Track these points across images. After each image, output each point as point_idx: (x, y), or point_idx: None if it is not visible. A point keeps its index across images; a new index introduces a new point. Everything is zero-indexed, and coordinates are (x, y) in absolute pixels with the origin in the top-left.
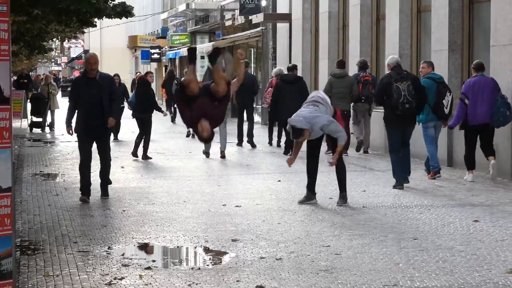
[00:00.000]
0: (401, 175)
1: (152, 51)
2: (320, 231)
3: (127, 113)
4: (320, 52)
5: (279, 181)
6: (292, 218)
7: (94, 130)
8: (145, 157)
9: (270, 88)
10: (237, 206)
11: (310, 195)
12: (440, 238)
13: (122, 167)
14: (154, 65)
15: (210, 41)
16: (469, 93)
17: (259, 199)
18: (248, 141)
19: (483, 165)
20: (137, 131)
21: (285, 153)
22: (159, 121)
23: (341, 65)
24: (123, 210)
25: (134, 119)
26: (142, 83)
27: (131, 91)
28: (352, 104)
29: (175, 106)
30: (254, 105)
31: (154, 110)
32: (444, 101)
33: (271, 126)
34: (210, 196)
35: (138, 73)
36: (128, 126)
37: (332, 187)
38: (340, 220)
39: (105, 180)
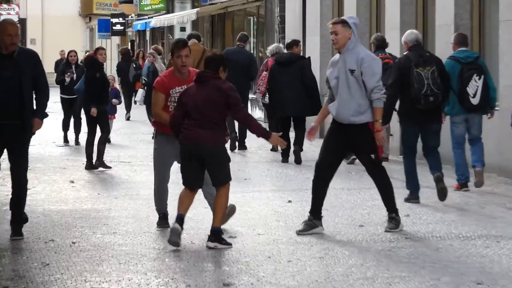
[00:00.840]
0: (417, 185)
1: (114, 20)
2: (346, 272)
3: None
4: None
5: (290, 201)
6: (307, 254)
7: (5, 133)
8: (101, 163)
9: (265, 72)
10: (231, 236)
11: (313, 221)
12: None
13: (72, 181)
14: (116, 39)
15: (193, 7)
16: None
17: (262, 227)
18: (237, 142)
19: None
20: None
21: (284, 161)
22: (117, 116)
23: None
24: (73, 242)
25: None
26: (91, 63)
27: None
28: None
29: (135, 100)
30: (251, 94)
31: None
32: (468, 88)
33: (272, 123)
34: (193, 223)
35: (88, 52)
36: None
37: (364, 210)
38: (374, 257)
39: (19, 214)
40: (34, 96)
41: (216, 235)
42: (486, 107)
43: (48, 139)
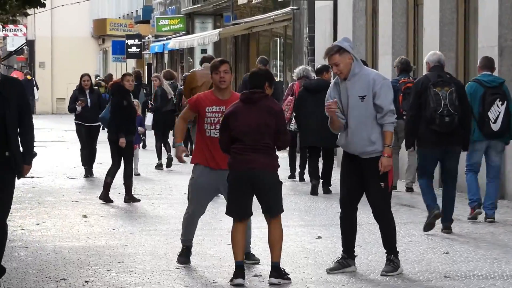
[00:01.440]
0: (434, 198)
1: (129, 42)
2: None
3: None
4: (380, 43)
5: (319, 237)
6: None
7: None
8: (130, 198)
9: (290, 97)
10: (256, 275)
11: (346, 260)
12: None
13: (85, 216)
14: (131, 62)
15: (215, 27)
16: None
17: (290, 265)
18: None
19: None
20: (105, 162)
21: (312, 193)
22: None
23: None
24: (86, 282)
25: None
26: (117, 90)
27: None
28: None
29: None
30: None
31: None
32: (490, 113)
33: (293, 151)
34: (215, 260)
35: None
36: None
37: (400, 247)
38: None
39: None
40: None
41: (278, 270)
42: (506, 134)
43: (59, 171)
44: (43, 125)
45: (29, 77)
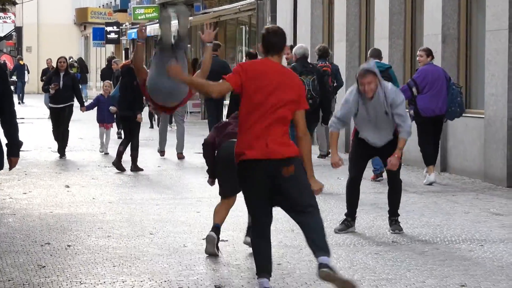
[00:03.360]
0: None
1: (108, 29)
2: None
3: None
4: (335, 31)
5: None
6: (296, 257)
7: None
8: (135, 167)
9: None
10: (222, 240)
11: (350, 222)
12: (497, 284)
13: (67, 186)
14: (110, 47)
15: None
16: (423, 82)
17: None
18: None
19: None
20: (90, 137)
21: None
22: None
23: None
24: (68, 245)
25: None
26: (126, 72)
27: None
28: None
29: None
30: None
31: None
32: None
33: None
34: (186, 226)
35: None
36: (73, 130)
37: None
38: (362, 260)
39: None
40: None
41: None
42: None
43: (44, 145)
44: (30, 103)
45: (22, 62)
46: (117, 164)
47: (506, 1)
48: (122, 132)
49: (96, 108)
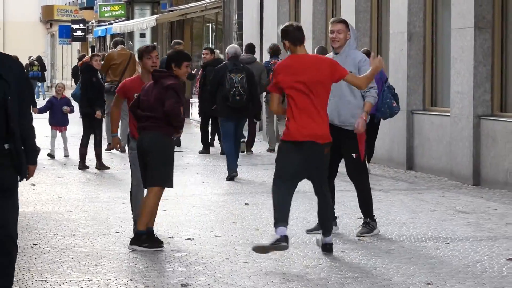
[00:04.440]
0: (234, 165)
1: (74, 26)
2: (301, 273)
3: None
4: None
5: (246, 204)
6: (263, 256)
7: None
8: (101, 165)
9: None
10: (188, 238)
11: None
12: (463, 282)
13: (33, 184)
14: (76, 45)
15: (152, 13)
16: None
17: (219, 229)
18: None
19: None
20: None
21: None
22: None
23: (250, 50)
24: (34, 244)
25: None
26: (86, 69)
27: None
28: (264, 95)
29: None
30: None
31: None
32: None
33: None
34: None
35: (81, 56)
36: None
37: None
38: (328, 258)
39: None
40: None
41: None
42: None
43: None
44: None
45: None
46: (82, 166)
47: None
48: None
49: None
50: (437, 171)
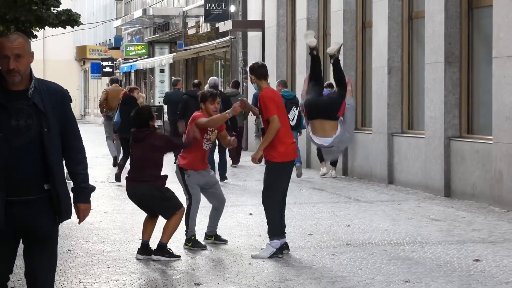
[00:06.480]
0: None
1: (104, 63)
2: (297, 273)
3: None
4: (298, 64)
5: (251, 214)
6: (265, 259)
7: (19, 216)
8: (117, 177)
9: None
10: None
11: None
12: (436, 280)
13: None
14: (106, 79)
15: (170, 52)
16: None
17: (227, 236)
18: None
19: (485, 196)
20: (89, 156)
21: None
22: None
23: (235, 85)
24: (69, 250)
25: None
26: (127, 100)
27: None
28: (255, 118)
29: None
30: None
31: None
32: (289, 114)
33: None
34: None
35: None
36: None
37: (312, 221)
38: (320, 260)
39: None
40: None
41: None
42: (298, 127)
43: None
44: None
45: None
46: (118, 175)
47: (442, 38)
48: (122, 155)
49: None
50: (414, 185)
